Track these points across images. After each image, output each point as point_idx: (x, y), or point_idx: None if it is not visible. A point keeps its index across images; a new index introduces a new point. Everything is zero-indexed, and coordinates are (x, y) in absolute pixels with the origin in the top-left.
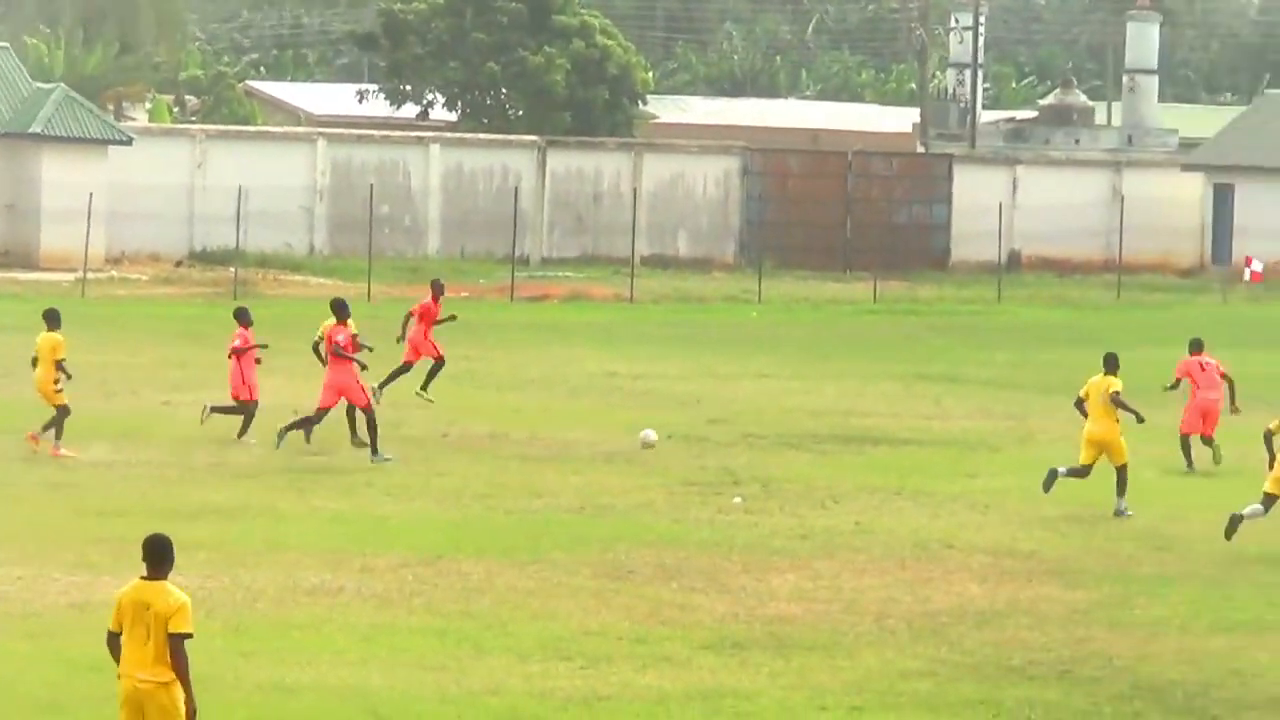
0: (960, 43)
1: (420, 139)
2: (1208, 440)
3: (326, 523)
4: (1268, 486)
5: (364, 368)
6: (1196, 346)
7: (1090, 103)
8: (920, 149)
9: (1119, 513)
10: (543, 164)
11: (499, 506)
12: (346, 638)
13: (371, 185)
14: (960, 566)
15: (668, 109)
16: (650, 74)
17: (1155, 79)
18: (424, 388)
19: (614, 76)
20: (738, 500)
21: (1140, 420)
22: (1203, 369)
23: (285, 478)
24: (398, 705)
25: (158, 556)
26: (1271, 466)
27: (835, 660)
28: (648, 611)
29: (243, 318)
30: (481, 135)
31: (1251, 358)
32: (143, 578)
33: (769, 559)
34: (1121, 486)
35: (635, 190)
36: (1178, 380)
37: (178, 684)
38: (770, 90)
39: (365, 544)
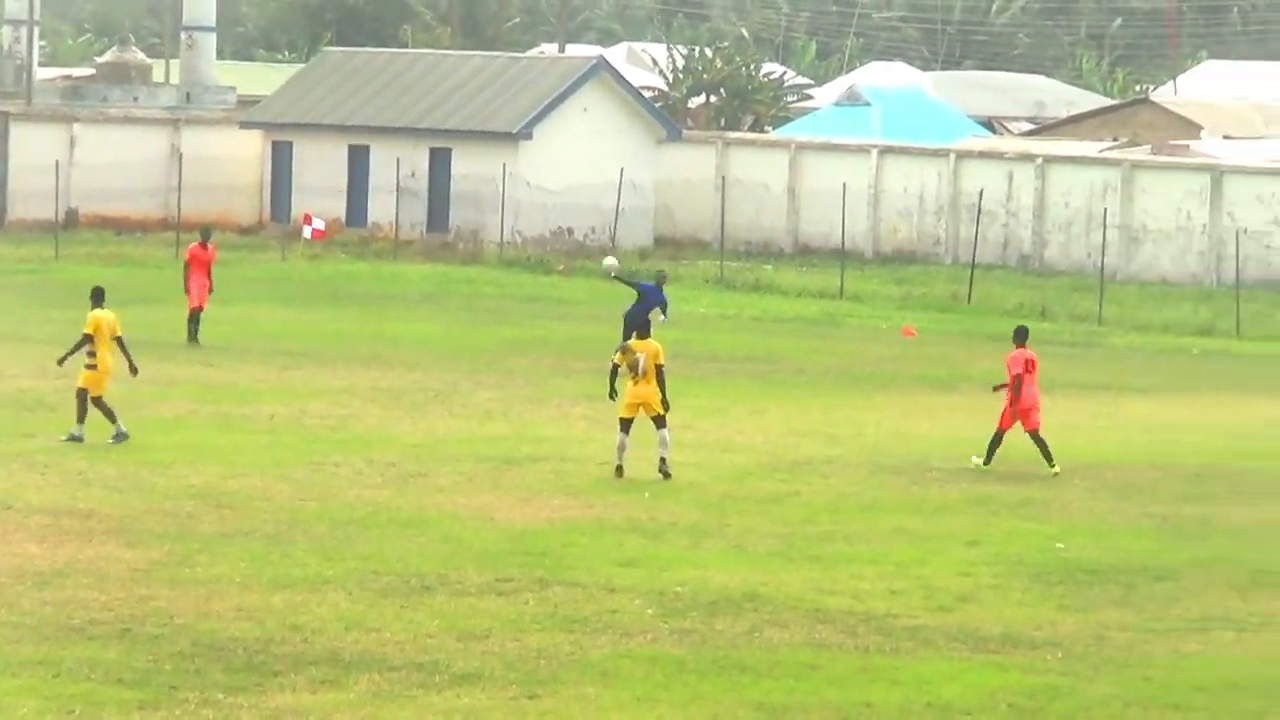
0: None
1: None
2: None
3: None
4: (622, 412)
5: None
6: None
7: (149, 60)
8: None
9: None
10: None
11: None
12: None
13: None
14: (18, 527)
15: None
16: None
17: (213, 36)
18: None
19: None
20: None
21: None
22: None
23: None
24: None
25: None
26: (612, 394)
27: None
28: None
29: None
30: None
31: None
32: None
33: None
34: None
35: None
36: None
37: None
38: None
39: None
